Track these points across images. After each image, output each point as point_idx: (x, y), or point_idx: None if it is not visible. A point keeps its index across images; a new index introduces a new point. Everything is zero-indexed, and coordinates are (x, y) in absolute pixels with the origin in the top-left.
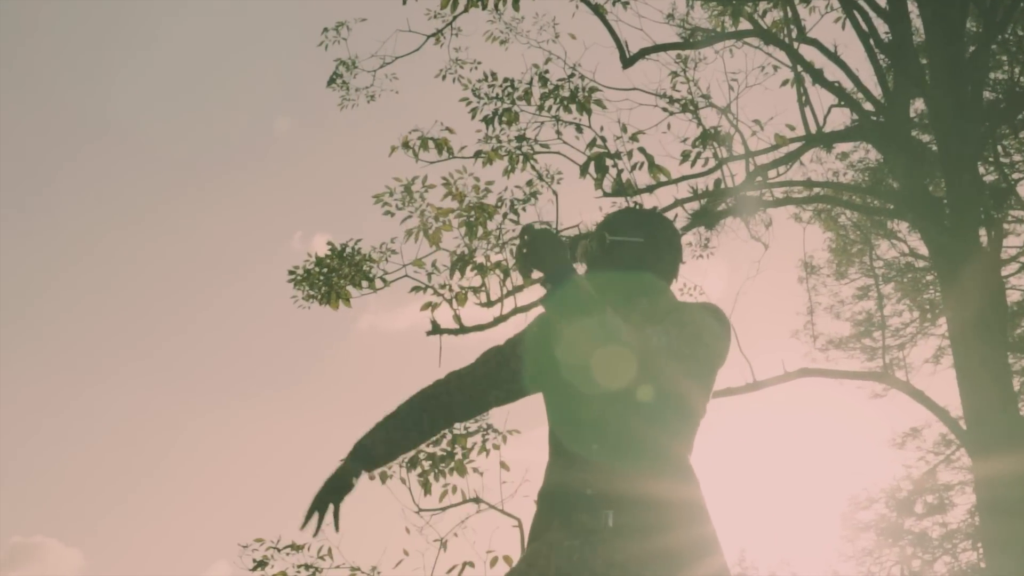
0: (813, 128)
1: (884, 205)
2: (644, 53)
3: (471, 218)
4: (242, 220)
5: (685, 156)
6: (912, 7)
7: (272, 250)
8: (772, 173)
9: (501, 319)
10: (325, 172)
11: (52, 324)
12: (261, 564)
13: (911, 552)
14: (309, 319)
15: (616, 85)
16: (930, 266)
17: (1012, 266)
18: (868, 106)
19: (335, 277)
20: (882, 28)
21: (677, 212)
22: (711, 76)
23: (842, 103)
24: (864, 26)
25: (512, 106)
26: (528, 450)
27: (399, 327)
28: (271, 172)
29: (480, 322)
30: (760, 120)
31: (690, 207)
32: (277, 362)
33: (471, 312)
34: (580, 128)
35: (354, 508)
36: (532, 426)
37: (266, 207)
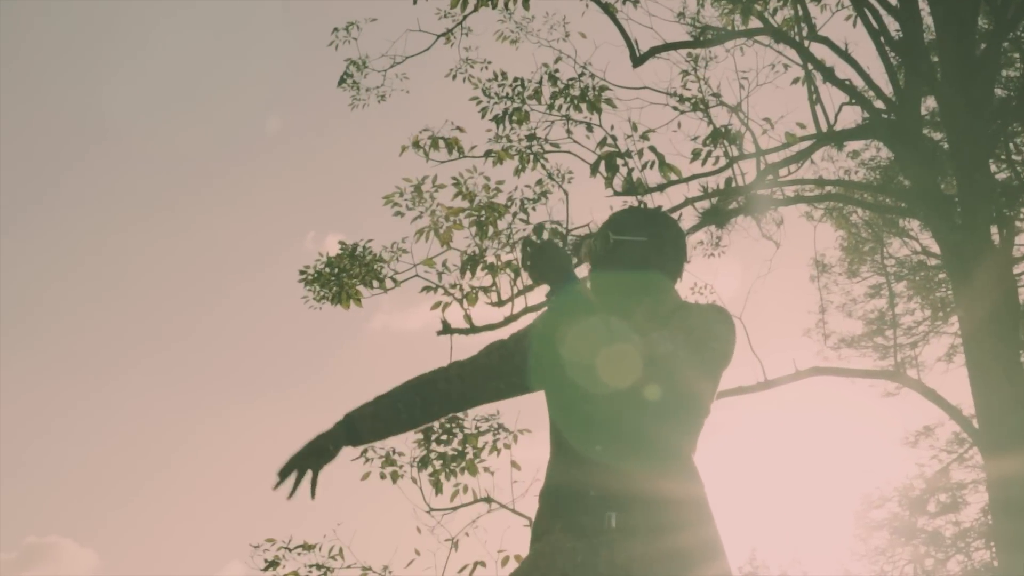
0: (824, 126)
1: (896, 203)
2: (654, 52)
3: (481, 217)
4: (255, 220)
5: (696, 155)
6: (923, 5)
7: (285, 250)
8: (783, 171)
9: (512, 318)
10: (337, 172)
11: (67, 325)
12: (273, 564)
13: (924, 551)
14: (322, 319)
15: (626, 84)
16: (942, 264)
17: None
18: (879, 104)
19: (345, 277)
20: (893, 26)
21: (682, 212)
22: (721, 74)
23: (853, 101)
24: (875, 24)
25: (522, 105)
26: (539, 449)
27: (412, 327)
28: (282, 172)
29: (491, 322)
30: (771, 118)
31: (701, 206)
32: (291, 361)
33: (482, 312)
34: (590, 127)
35: (366, 509)
36: (543, 426)
37: (278, 207)
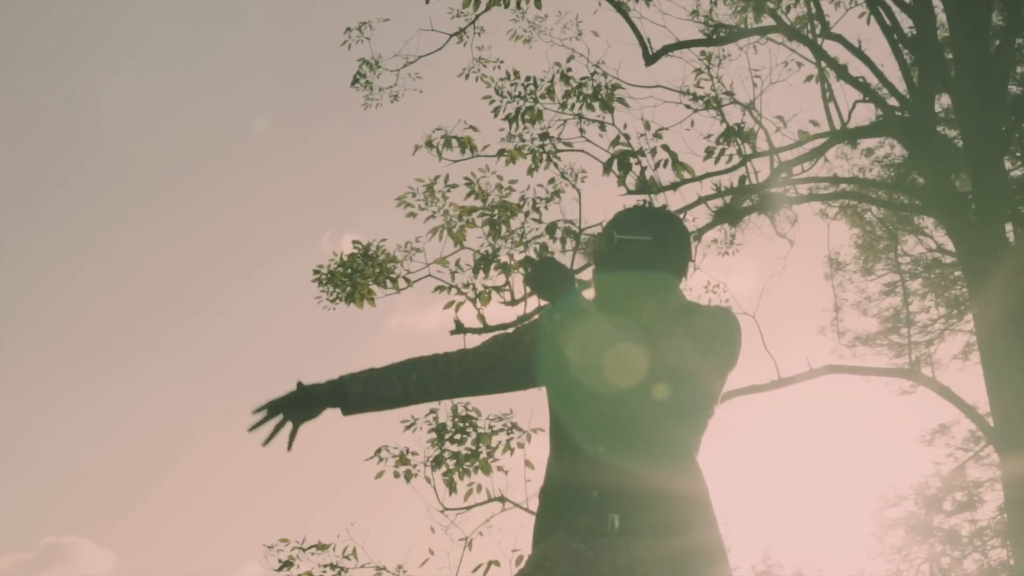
0: (837, 124)
1: (910, 201)
2: (667, 50)
3: (494, 217)
4: (271, 220)
5: (709, 153)
6: (937, 1)
7: (301, 250)
8: (797, 169)
9: (525, 318)
10: (353, 171)
11: (83, 325)
12: (287, 564)
13: (940, 549)
14: (339, 318)
15: (639, 82)
16: (957, 262)
17: None
18: (893, 101)
19: (359, 277)
20: (906, 23)
21: (696, 211)
22: (734, 72)
23: (867, 99)
24: (888, 21)
25: (535, 104)
26: None
27: (427, 327)
28: (297, 172)
29: (504, 321)
30: (784, 116)
31: (714, 204)
32: (307, 361)
33: (495, 311)
34: (603, 126)
35: (380, 508)
36: None
37: (293, 207)
